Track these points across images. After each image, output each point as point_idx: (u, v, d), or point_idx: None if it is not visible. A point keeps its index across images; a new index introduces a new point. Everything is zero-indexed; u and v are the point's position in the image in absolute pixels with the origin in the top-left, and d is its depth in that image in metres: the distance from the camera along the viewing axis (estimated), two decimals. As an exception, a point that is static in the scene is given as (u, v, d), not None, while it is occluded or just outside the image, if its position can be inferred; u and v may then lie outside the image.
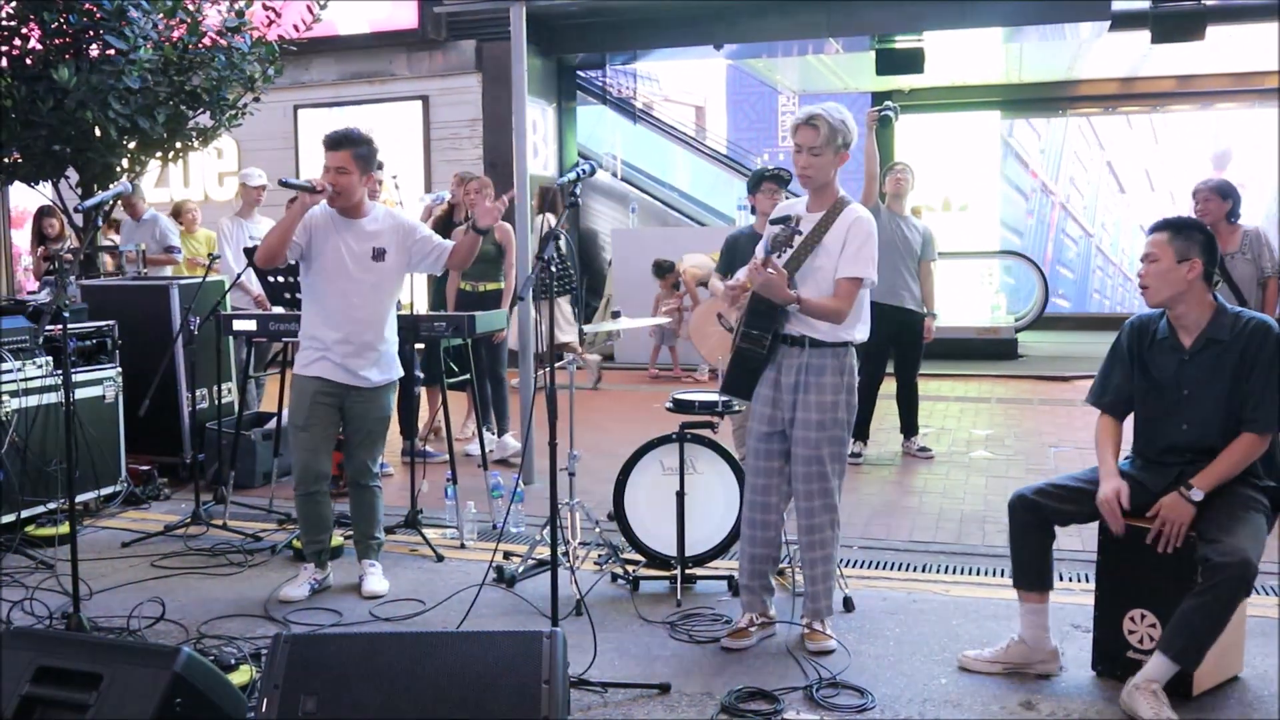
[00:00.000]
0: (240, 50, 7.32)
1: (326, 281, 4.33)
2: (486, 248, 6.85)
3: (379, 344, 4.40)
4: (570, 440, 4.64)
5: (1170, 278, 3.36)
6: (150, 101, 6.92)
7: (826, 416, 3.69)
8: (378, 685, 2.74)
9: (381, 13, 11.99)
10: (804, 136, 3.66)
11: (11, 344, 5.20)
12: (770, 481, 3.80)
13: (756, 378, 3.78)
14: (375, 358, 4.39)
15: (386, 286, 4.41)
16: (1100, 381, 3.64)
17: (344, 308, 4.32)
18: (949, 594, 4.36)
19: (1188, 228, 3.41)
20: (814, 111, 3.66)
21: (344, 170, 4.24)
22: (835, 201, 3.72)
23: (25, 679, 2.71)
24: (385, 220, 4.42)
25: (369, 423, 4.44)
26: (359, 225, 4.35)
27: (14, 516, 5.03)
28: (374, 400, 4.43)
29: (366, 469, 4.50)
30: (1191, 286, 3.36)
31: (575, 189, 3.79)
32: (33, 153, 6.93)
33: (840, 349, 3.71)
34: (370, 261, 4.33)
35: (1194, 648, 3.15)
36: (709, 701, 3.37)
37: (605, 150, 14.29)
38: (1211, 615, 3.13)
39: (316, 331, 4.36)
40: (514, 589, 4.41)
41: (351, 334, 4.32)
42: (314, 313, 4.39)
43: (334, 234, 4.32)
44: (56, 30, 6.76)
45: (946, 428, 7.86)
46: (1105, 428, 3.57)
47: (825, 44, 12.44)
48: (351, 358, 4.33)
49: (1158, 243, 3.40)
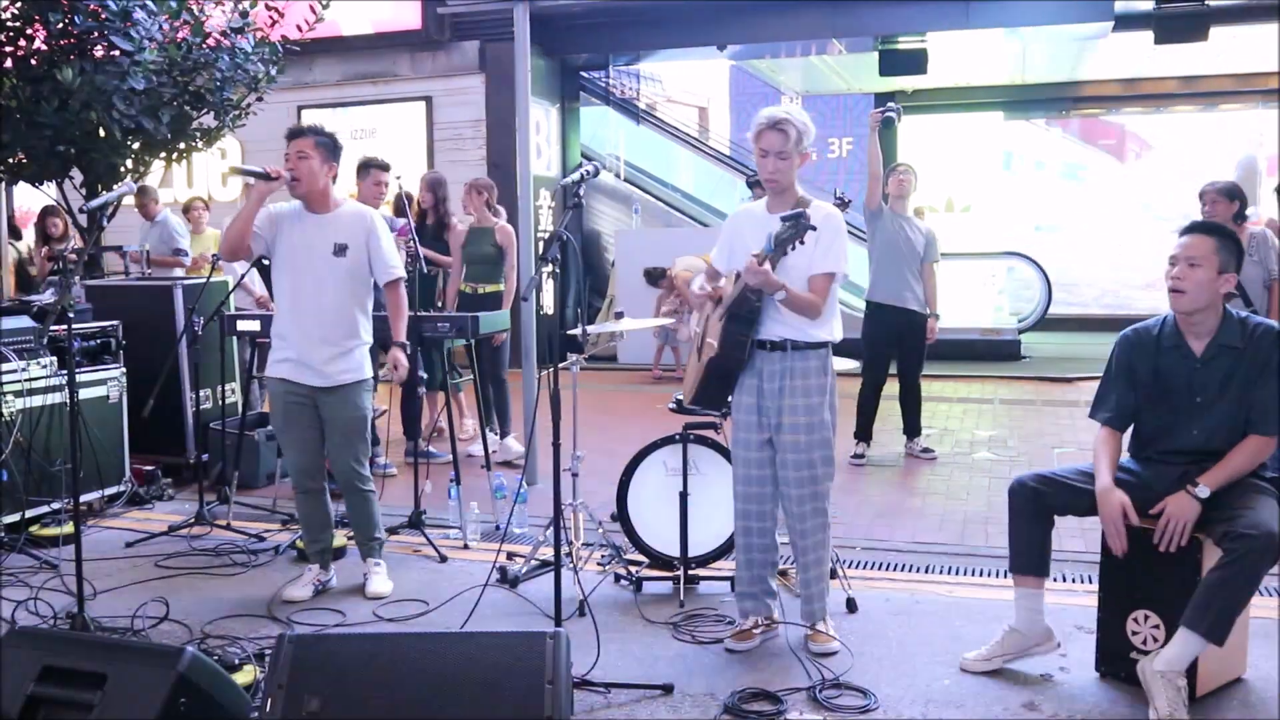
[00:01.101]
0: (244, 50, 7.33)
1: (289, 275, 4.30)
2: (488, 249, 6.86)
3: (343, 341, 4.31)
4: (574, 441, 4.65)
5: (1211, 287, 3.31)
6: (155, 102, 6.93)
7: (815, 419, 3.70)
8: (381, 685, 2.74)
9: (385, 13, 12.00)
10: (772, 141, 3.65)
11: (16, 344, 5.21)
12: (764, 490, 3.82)
13: (730, 385, 3.80)
14: (337, 354, 4.30)
15: (350, 283, 4.33)
16: (1101, 396, 3.62)
17: (307, 302, 4.27)
18: (952, 595, 4.36)
19: (1228, 236, 3.35)
20: (779, 115, 3.65)
21: (304, 155, 4.23)
22: (798, 201, 3.74)
23: (30, 678, 2.71)
24: (353, 218, 4.38)
25: (342, 423, 4.35)
26: (323, 219, 4.32)
27: (18, 516, 5.04)
28: (344, 399, 4.33)
29: (353, 472, 4.42)
30: (1220, 299, 3.34)
31: (579, 190, 3.80)
32: (37, 153, 6.94)
33: (821, 349, 3.74)
34: (331, 256, 4.28)
35: (1222, 621, 3.11)
36: (712, 702, 3.37)
37: (608, 151, 14.29)
38: (1238, 586, 3.10)
39: (281, 327, 4.34)
40: (517, 590, 4.42)
41: (314, 329, 4.27)
42: (281, 308, 4.36)
43: (298, 227, 4.30)
44: (61, 31, 6.76)
45: (949, 429, 7.86)
46: (1105, 439, 3.53)
47: (828, 45, 12.44)
48: (313, 354, 4.27)
49: (1202, 248, 3.31)
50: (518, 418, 6.96)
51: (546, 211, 12.07)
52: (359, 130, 12.07)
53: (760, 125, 3.68)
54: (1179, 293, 3.34)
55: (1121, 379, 3.54)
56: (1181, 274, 3.33)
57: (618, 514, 4.53)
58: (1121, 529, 3.32)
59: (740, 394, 3.80)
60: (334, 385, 4.31)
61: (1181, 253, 3.35)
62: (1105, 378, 3.62)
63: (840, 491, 5.91)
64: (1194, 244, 3.34)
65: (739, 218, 3.91)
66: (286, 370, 4.32)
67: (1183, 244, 3.37)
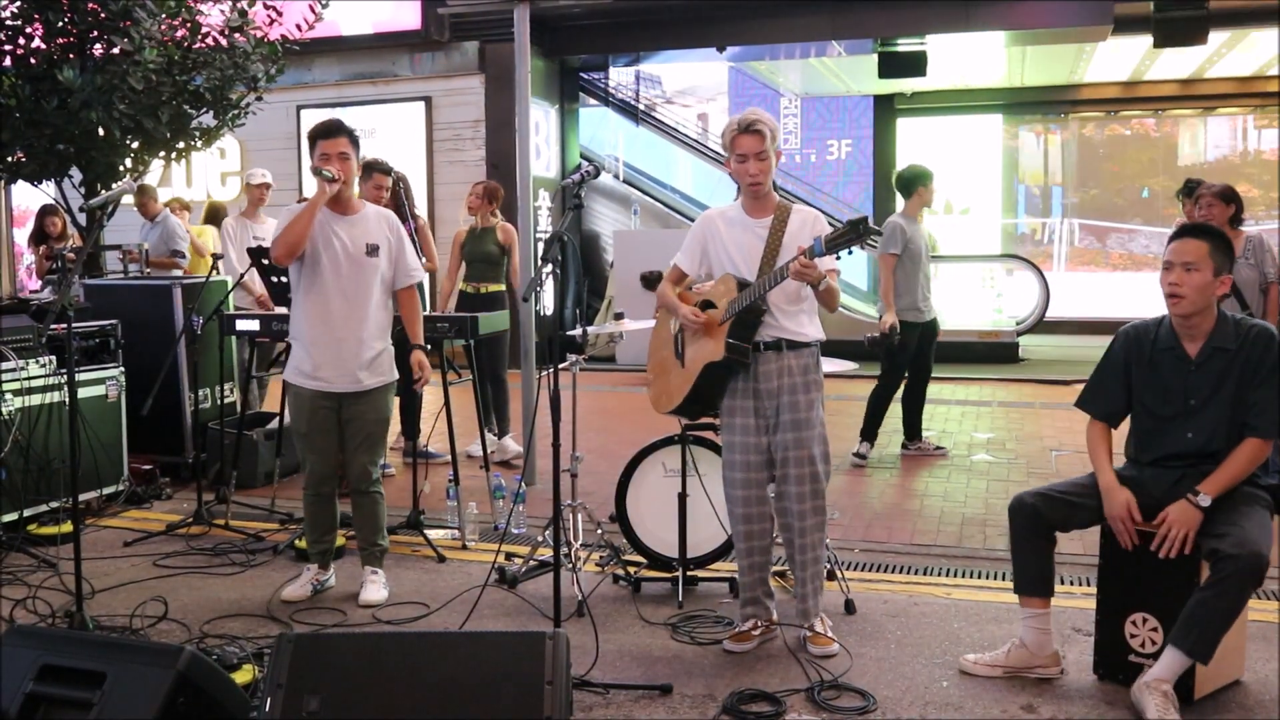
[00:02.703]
0: (243, 50, 7.33)
1: (321, 277, 4.22)
2: (490, 249, 6.85)
3: (374, 343, 4.29)
4: (573, 441, 4.65)
5: (1208, 291, 3.31)
6: (154, 101, 6.93)
7: (814, 415, 3.73)
8: (380, 685, 2.74)
9: (384, 13, 12.00)
10: (750, 144, 3.64)
11: (14, 343, 5.21)
12: (762, 493, 3.83)
13: (721, 391, 3.81)
14: (371, 357, 4.27)
15: (380, 283, 4.32)
16: (1092, 388, 3.62)
17: (344, 305, 4.22)
18: (950, 597, 4.36)
19: (1219, 237, 3.35)
20: (750, 118, 3.65)
21: (345, 156, 4.21)
22: (779, 204, 3.75)
23: (29, 677, 2.71)
24: (379, 219, 4.37)
25: (367, 425, 4.33)
26: (351, 220, 4.30)
27: (16, 515, 5.04)
28: (371, 402, 4.32)
29: (367, 474, 4.38)
30: (1216, 301, 3.35)
31: (579, 191, 3.80)
32: (36, 152, 6.94)
33: (815, 347, 3.78)
34: (365, 257, 4.26)
35: (1207, 641, 3.13)
36: (710, 703, 3.37)
37: (607, 152, 14.29)
38: (1224, 607, 3.11)
39: (312, 333, 4.25)
40: (516, 590, 4.41)
41: (349, 332, 4.23)
42: (309, 313, 4.26)
43: (327, 228, 4.24)
44: (61, 30, 6.77)
45: (948, 431, 7.87)
46: (1098, 434, 3.55)
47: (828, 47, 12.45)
48: (349, 360, 4.23)
49: (1199, 252, 3.30)
50: (517, 418, 6.96)
51: (546, 212, 12.07)
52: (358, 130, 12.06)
53: (733, 131, 3.67)
54: (1177, 298, 3.34)
55: (1115, 374, 3.55)
56: (1178, 279, 3.33)
57: (616, 514, 4.53)
58: (1130, 525, 3.34)
59: (733, 398, 3.79)
60: (364, 390, 4.28)
61: (1176, 258, 3.34)
62: (1100, 369, 3.62)
63: (839, 494, 5.93)
64: (1189, 248, 3.33)
65: (714, 220, 3.85)
66: (317, 382, 4.24)
67: (1177, 249, 3.36)
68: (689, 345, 3.88)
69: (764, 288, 3.61)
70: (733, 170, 3.73)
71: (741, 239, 3.74)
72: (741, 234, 3.75)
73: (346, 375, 4.25)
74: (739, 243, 3.74)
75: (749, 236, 3.73)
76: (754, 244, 3.72)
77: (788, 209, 3.75)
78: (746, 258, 3.72)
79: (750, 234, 3.74)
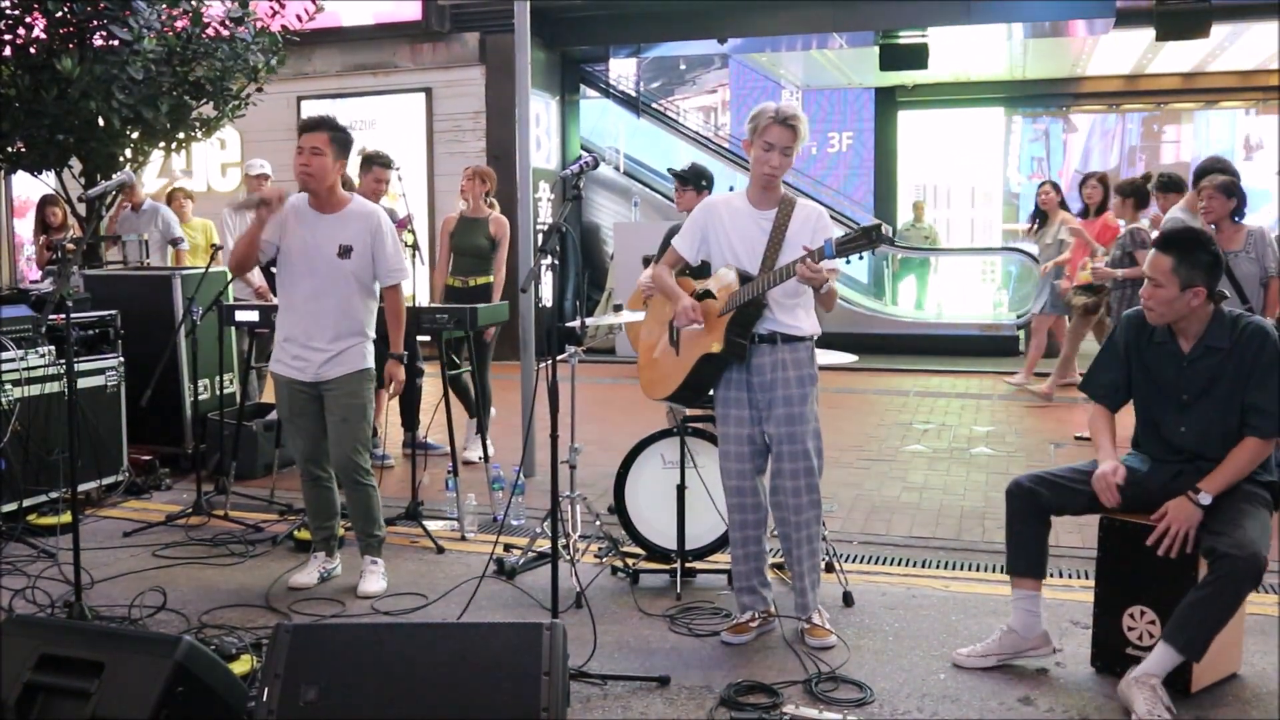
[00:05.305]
0: (244, 40, 7.32)
1: (292, 276, 4.25)
2: (480, 241, 6.77)
3: (344, 340, 4.27)
4: (571, 433, 4.65)
5: (1175, 305, 3.32)
6: (154, 92, 6.92)
7: (808, 409, 3.73)
8: (379, 675, 2.75)
9: (385, 4, 11.97)
10: (782, 136, 3.62)
11: (14, 333, 5.20)
12: (756, 484, 3.84)
13: (714, 382, 3.82)
14: (329, 357, 4.25)
15: (354, 284, 4.26)
16: (1094, 372, 3.65)
17: (309, 303, 4.23)
18: (948, 589, 4.36)
19: (1193, 249, 3.30)
20: (790, 111, 3.63)
21: (318, 151, 4.14)
22: (784, 198, 3.75)
23: (28, 666, 2.72)
24: (360, 218, 4.28)
25: (341, 409, 4.29)
26: (329, 219, 4.24)
27: (16, 505, 5.04)
28: (344, 386, 4.29)
29: (352, 464, 4.33)
30: (1196, 310, 3.34)
31: (578, 182, 3.79)
32: (36, 142, 6.93)
33: (809, 341, 3.78)
34: (335, 258, 4.21)
35: (1200, 639, 3.13)
36: (708, 695, 3.38)
37: (608, 144, 14.28)
38: (1219, 606, 3.12)
39: (285, 325, 4.30)
40: (514, 581, 4.42)
41: (315, 330, 4.23)
42: (283, 305, 4.32)
43: (304, 226, 4.22)
44: (61, 20, 6.76)
45: (947, 424, 7.87)
46: (1100, 416, 3.59)
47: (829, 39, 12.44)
48: (315, 354, 4.24)
49: (1161, 269, 3.30)
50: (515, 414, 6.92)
51: (546, 204, 12.06)
52: (358, 122, 12.04)
53: (769, 118, 3.61)
54: (1150, 310, 3.38)
55: (1117, 358, 3.57)
56: (1148, 294, 3.37)
57: (615, 506, 4.53)
58: (1113, 488, 3.37)
59: (727, 389, 3.80)
60: (332, 378, 4.29)
61: (1148, 270, 3.37)
62: (1104, 351, 3.65)
63: (838, 485, 5.93)
64: (1155, 264, 3.34)
65: (716, 208, 3.82)
66: (290, 369, 4.30)
67: (1149, 262, 3.38)
68: (685, 333, 3.88)
69: (768, 284, 3.61)
70: (753, 156, 3.69)
71: (745, 229, 3.73)
72: (745, 224, 3.74)
73: (310, 367, 4.27)
74: (742, 233, 3.74)
75: (753, 227, 3.73)
76: (757, 235, 3.71)
77: (792, 202, 3.75)
78: (749, 249, 3.71)
79: (754, 225, 3.73)
